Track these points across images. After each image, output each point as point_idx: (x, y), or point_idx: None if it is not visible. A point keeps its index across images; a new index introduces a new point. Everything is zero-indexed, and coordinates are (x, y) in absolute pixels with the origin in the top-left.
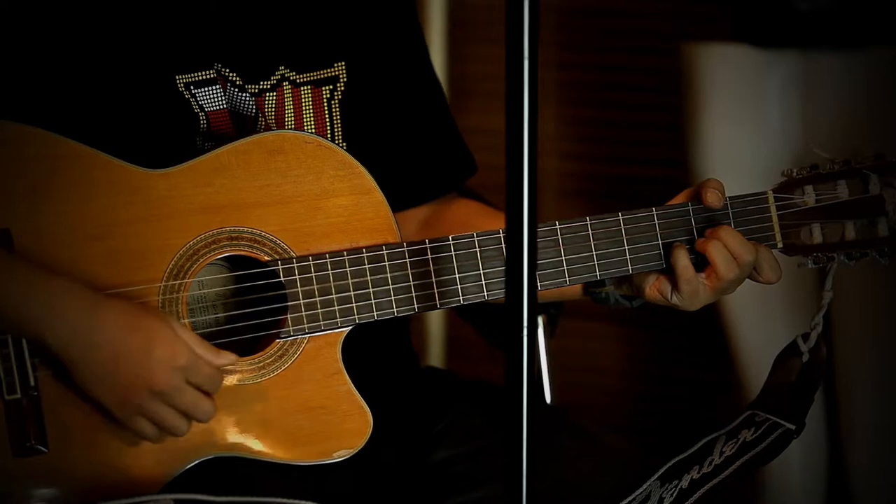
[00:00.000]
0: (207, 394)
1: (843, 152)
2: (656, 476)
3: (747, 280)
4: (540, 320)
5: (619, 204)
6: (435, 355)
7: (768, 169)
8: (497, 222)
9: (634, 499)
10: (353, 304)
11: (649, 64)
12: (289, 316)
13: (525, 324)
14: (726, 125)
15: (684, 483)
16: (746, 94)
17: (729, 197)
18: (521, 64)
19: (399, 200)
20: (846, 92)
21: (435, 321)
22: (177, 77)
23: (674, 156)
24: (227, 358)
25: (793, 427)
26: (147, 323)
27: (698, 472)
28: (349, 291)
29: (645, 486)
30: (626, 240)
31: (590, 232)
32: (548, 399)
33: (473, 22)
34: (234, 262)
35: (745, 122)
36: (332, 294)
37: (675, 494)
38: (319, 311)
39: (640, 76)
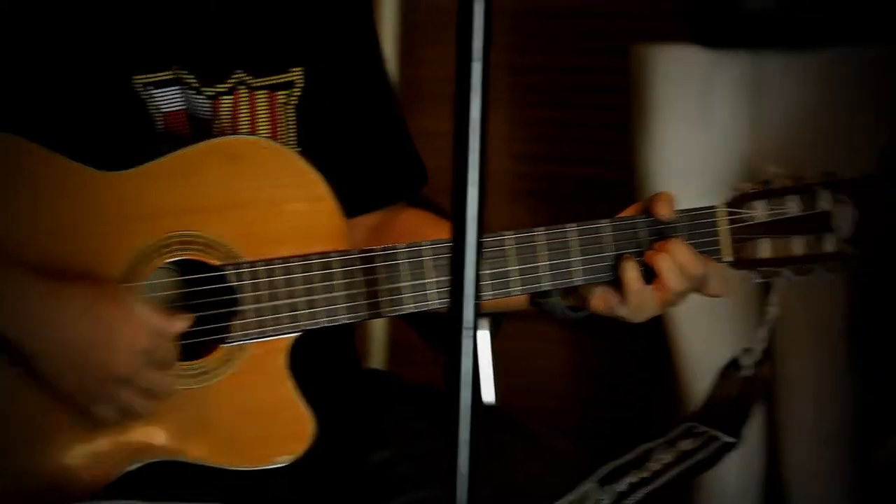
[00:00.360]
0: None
1: (793, 154)
2: (593, 478)
3: (694, 293)
4: (485, 321)
5: (571, 205)
6: (377, 358)
7: (718, 171)
8: (446, 232)
9: (570, 500)
10: (301, 311)
11: (601, 65)
12: (236, 321)
13: (467, 329)
14: (676, 126)
15: (622, 486)
16: (696, 95)
17: (679, 210)
18: (469, 66)
19: (350, 207)
20: (796, 93)
21: (378, 324)
22: (134, 78)
23: (626, 157)
24: (182, 322)
25: (731, 440)
26: (105, 310)
27: (637, 477)
28: (298, 298)
29: (581, 488)
30: (575, 251)
31: (539, 243)
32: (492, 401)
33: (427, 24)
34: (185, 267)
35: (694, 123)
36: (280, 300)
37: (612, 497)
38: (267, 317)
39: (593, 77)
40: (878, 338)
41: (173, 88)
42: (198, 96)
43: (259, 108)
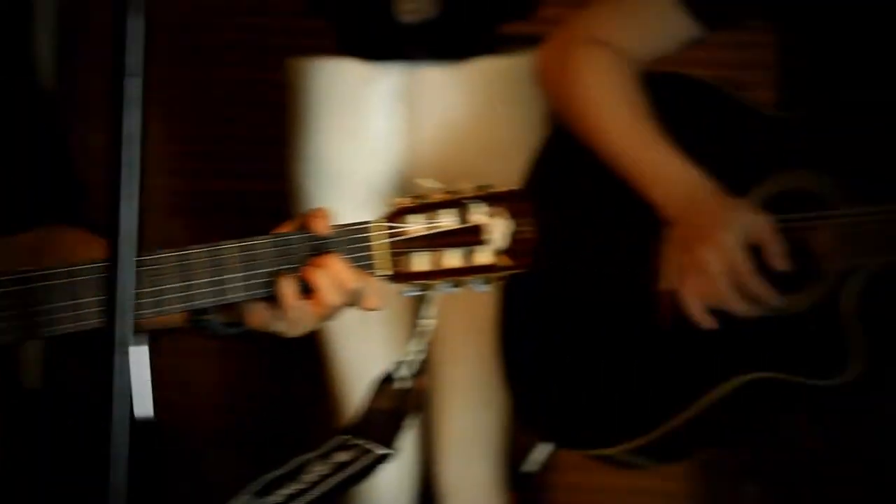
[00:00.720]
0: None
1: (449, 167)
2: (249, 490)
3: (351, 306)
4: (143, 338)
5: (230, 221)
6: (33, 378)
7: (374, 185)
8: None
9: None
10: None
11: (258, 79)
12: None
13: (121, 346)
14: (331, 140)
15: (278, 498)
16: (352, 108)
17: (336, 225)
18: (123, 81)
19: (6, 226)
20: (451, 104)
21: (36, 344)
22: None
23: (284, 171)
24: None
25: (386, 452)
26: None
27: (292, 489)
28: None
29: (237, 501)
30: (233, 268)
31: (197, 260)
32: (150, 417)
33: (87, 36)
34: None
35: (350, 136)
36: None
37: None
38: None
39: (251, 92)
40: (528, 347)
41: None
42: None
43: None
